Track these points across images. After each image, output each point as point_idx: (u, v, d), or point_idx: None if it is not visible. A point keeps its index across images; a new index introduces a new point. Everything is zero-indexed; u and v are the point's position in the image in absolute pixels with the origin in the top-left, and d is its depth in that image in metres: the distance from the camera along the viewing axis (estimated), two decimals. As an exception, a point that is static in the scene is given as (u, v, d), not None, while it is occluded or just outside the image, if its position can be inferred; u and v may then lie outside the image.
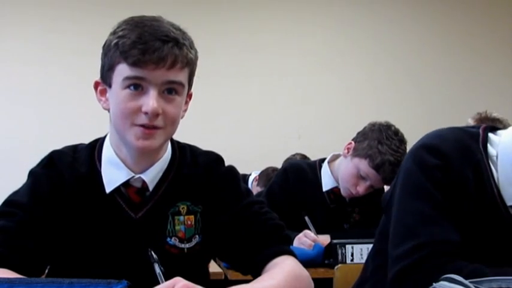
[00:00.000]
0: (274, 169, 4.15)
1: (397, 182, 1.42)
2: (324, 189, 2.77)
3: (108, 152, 1.47)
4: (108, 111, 1.43)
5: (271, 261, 1.41)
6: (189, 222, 1.47)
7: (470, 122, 2.86)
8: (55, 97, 5.54)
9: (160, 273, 1.27)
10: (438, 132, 1.42)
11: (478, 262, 1.26)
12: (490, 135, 1.41)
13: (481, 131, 1.42)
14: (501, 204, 1.35)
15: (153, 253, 1.34)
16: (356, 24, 6.04)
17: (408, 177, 1.39)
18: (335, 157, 2.81)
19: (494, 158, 1.37)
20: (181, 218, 1.47)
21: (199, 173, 1.50)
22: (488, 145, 1.39)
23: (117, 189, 1.44)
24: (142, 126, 1.36)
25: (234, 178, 1.54)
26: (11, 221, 1.36)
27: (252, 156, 5.18)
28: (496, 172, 1.36)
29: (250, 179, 4.58)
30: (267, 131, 5.75)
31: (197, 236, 1.48)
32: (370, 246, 1.65)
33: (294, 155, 4.40)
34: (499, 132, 1.43)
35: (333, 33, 6.00)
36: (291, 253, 1.45)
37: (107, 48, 1.39)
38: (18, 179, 1.51)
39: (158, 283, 1.16)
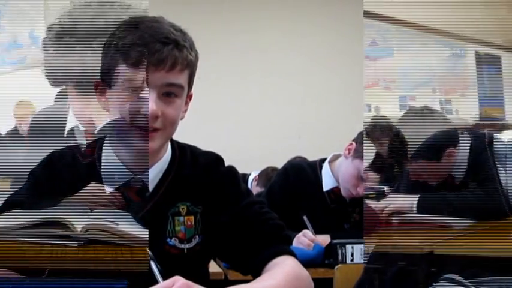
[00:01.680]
0: (273, 169, 4.14)
1: None
2: (325, 189, 2.77)
3: (108, 153, 1.47)
4: (108, 111, 1.43)
5: (271, 261, 1.41)
6: (189, 223, 1.47)
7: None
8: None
9: (157, 271, 1.27)
10: None
11: None
12: None
13: None
14: None
15: (148, 250, 1.33)
16: (356, 24, 6.03)
17: None
18: (335, 157, 2.81)
19: None
20: (181, 218, 1.46)
21: (199, 173, 1.50)
22: None
23: (116, 190, 1.44)
24: (142, 128, 1.36)
25: (234, 178, 1.53)
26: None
27: (252, 156, 5.17)
28: None
29: (250, 179, 4.57)
30: (267, 131, 5.75)
31: (197, 236, 1.47)
32: (370, 246, 1.65)
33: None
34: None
35: (332, 33, 6.00)
36: (291, 253, 1.45)
37: (106, 49, 1.39)
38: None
39: (158, 283, 1.16)
